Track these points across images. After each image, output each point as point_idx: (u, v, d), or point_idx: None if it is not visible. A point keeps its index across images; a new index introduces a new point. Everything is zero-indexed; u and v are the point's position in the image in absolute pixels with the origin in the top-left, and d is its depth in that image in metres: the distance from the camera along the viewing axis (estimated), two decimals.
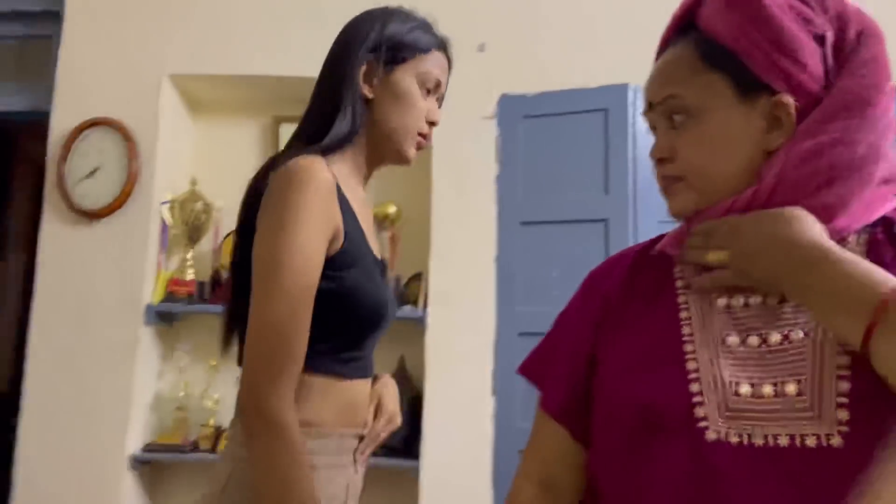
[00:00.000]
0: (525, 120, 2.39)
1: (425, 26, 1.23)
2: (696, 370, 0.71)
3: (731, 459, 0.66)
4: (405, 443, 2.32)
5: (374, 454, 2.43)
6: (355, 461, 1.13)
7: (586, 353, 0.81)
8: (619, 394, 0.75)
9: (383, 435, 1.20)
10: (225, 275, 2.51)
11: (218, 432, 2.37)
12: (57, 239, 2.39)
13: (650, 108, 0.80)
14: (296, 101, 1.28)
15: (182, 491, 2.45)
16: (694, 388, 0.70)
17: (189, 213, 2.50)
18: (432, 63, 1.21)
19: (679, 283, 0.78)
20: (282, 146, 1.25)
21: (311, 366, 1.04)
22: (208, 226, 2.54)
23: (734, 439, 0.66)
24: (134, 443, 2.28)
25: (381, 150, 1.20)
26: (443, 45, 1.24)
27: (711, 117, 0.75)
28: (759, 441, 0.66)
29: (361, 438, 1.14)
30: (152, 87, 2.47)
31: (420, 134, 1.20)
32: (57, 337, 2.32)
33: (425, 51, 1.20)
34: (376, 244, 1.21)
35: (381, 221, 2.54)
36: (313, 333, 1.04)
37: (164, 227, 2.49)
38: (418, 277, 2.48)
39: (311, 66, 1.28)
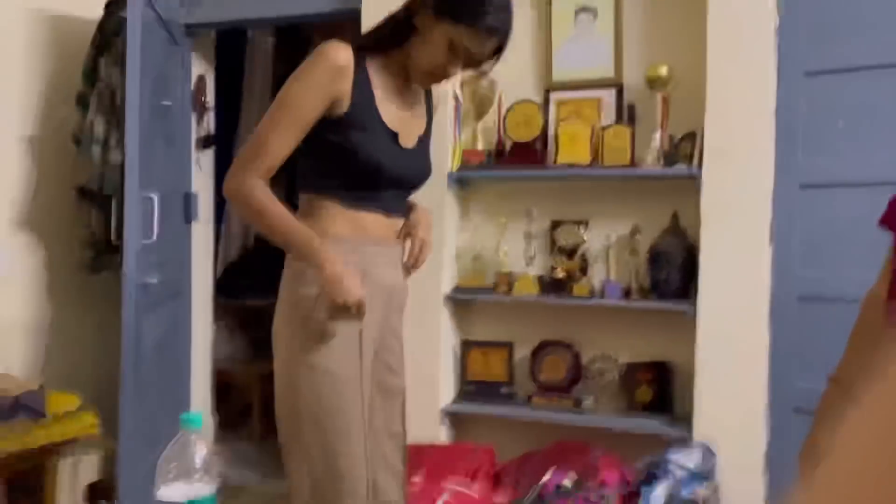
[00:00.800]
0: None
1: (501, 8, 1.35)
2: None
3: None
4: (681, 289, 2.51)
5: (649, 298, 2.61)
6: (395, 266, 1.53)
7: None
8: None
9: (421, 256, 1.56)
10: (508, 144, 2.82)
11: (510, 278, 2.75)
12: None
13: None
14: None
15: (481, 322, 2.91)
16: None
17: (475, 91, 2.82)
18: (474, 40, 1.36)
19: None
20: (554, 23, 1.53)
21: (325, 193, 1.45)
22: (492, 101, 2.84)
23: None
24: (446, 285, 2.77)
25: (408, 68, 1.47)
26: (499, 34, 1.37)
27: None
28: None
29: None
30: None
31: (435, 74, 1.44)
32: None
33: (474, 26, 1.34)
34: (413, 124, 1.52)
35: (653, 83, 2.63)
36: (328, 171, 1.44)
37: (458, 105, 2.84)
38: (691, 136, 2.56)
39: None
